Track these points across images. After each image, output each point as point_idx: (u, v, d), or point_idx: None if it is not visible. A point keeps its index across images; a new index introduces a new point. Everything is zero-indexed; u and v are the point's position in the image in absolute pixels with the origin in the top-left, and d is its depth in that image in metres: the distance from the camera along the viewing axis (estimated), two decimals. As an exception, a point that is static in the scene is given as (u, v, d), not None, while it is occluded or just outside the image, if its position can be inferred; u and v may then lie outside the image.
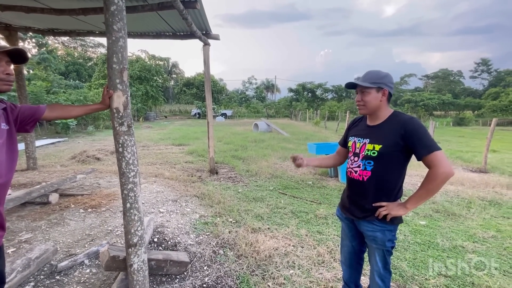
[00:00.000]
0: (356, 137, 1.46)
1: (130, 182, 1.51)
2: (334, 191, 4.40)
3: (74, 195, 3.64)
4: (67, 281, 1.90)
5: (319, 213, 3.39)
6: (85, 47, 35.35)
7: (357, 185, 1.41)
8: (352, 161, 1.44)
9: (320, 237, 2.74)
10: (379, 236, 1.35)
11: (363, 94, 1.36)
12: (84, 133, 12.64)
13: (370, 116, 1.43)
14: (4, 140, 1.10)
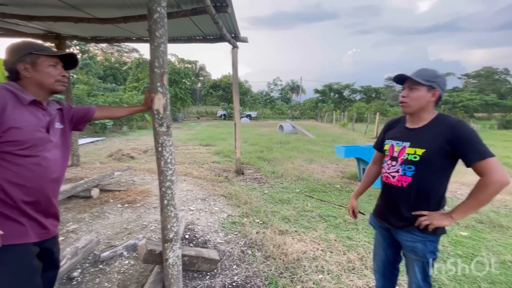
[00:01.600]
0: (394, 140, 1.36)
1: (168, 180, 1.59)
2: (364, 196, 4.20)
3: (112, 190, 3.91)
4: (108, 271, 2.05)
5: (348, 218, 3.28)
6: (121, 52, 37.78)
7: (395, 191, 1.32)
8: (389, 166, 1.35)
9: (350, 243, 2.66)
10: (420, 247, 1.27)
11: (412, 90, 1.26)
12: (119, 133, 13.50)
13: (411, 117, 1.33)
14: (58, 139, 1.20)
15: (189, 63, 37.00)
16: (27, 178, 1.06)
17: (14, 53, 1.12)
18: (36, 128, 1.09)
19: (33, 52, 1.12)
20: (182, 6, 3.28)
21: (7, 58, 1.12)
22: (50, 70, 1.15)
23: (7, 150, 1.02)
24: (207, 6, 2.94)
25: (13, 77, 1.12)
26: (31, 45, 1.15)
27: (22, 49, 1.12)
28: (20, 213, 1.07)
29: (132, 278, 1.99)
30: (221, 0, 3.20)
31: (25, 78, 1.12)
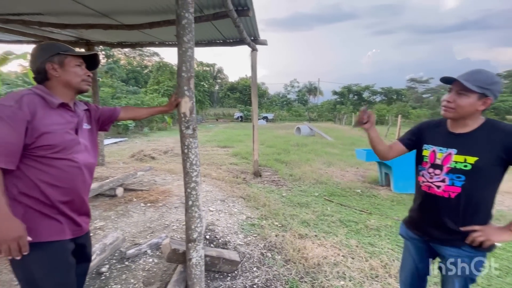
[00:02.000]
0: (436, 146, 1.24)
1: (193, 181, 1.63)
2: (386, 201, 4.11)
3: (135, 190, 4.05)
4: (134, 267, 2.12)
5: (370, 224, 3.19)
6: (143, 56, 39.24)
7: (441, 203, 1.20)
8: (431, 174, 1.23)
9: (373, 250, 2.58)
10: (467, 261, 1.18)
11: (460, 95, 1.13)
12: (140, 134, 13.99)
13: (454, 122, 1.21)
14: (86, 139, 1.25)
15: (208, 66, 37.72)
16: (61, 179, 1.12)
17: (42, 54, 1.15)
18: (66, 130, 1.13)
19: (60, 53, 1.16)
20: (204, 11, 3.36)
21: (34, 59, 1.16)
22: (76, 69, 1.19)
23: (41, 154, 1.07)
24: (229, 10, 2.99)
25: (41, 78, 1.16)
26: (58, 46, 1.19)
27: (49, 49, 1.16)
28: (57, 212, 1.12)
29: (156, 276, 2.05)
30: (243, 4, 3.24)
31: (53, 78, 1.15)
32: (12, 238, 0.97)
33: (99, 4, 3.14)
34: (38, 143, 1.05)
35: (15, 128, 0.99)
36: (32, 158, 1.06)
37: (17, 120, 1.00)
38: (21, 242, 0.99)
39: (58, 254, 1.12)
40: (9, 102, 1.01)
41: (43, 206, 1.09)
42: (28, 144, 1.03)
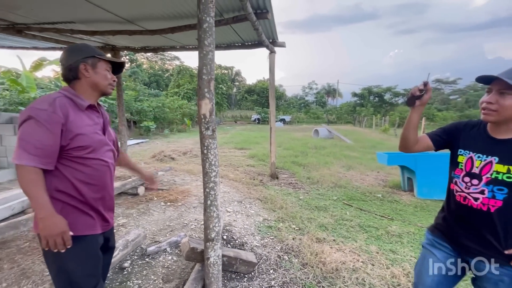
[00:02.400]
0: (474, 152, 1.11)
1: (212, 181, 1.66)
2: (409, 207, 3.94)
3: (156, 189, 4.18)
4: (154, 264, 2.19)
5: (391, 230, 3.07)
6: (164, 60, 40.60)
7: (478, 216, 1.10)
8: (466, 184, 1.12)
9: (394, 257, 2.48)
10: (507, 281, 1.07)
11: (503, 96, 1.01)
12: (161, 135, 14.44)
13: (496, 126, 1.09)
14: (110, 139, 1.31)
15: (226, 69, 38.27)
16: (94, 178, 1.19)
17: (78, 53, 1.21)
18: (95, 131, 1.20)
19: (96, 56, 1.23)
20: (224, 15, 3.42)
21: (68, 57, 1.21)
22: (106, 73, 1.26)
23: (76, 155, 1.14)
24: (249, 14, 3.02)
25: (71, 76, 1.20)
26: (93, 49, 1.26)
27: (85, 51, 1.22)
28: (89, 208, 1.20)
29: (175, 273, 2.10)
30: (262, 7, 3.27)
31: (83, 78, 1.21)
32: (58, 233, 1.05)
33: (125, 11, 3.30)
34: (72, 144, 1.11)
35: (52, 131, 1.06)
36: (68, 158, 1.13)
37: (53, 123, 1.06)
38: (65, 236, 1.07)
39: (89, 248, 1.20)
40: (43, 106, 1.07)
41: (78, 202, 1.17)
42: (64, 146, 1.10)
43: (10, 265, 2.12)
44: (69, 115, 1.11)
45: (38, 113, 1.05)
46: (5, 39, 4.80)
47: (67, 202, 1.14)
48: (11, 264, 2.14)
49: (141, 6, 3.13)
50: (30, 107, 1.06)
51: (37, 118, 1.04)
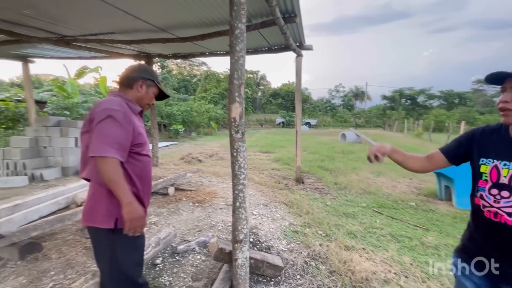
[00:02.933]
0: (498, 159, 0.98)
1: (240, 184, 1.69)
2: (447, 217, 3.66)
3: (184, 190, 4.34)
4: (183, 262, 2.27)
5: (426, 240, 2.88)
6: (192, 66, 42.16)
7: None
8: (495, 198, 0.98)
9: (431, 270, 2.32)
10: None
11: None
12: (189, 138, 14.96)
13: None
14: None
15: (251, 73, 38.72)
16: (145, 172, 1.35)
17: (143, 72, 1.43)
18: (144, 131, 1.38)
19: (155, 82, 1.46)
20: (252, 20, 3.49)
21: (136, 70, 1.43)
22: (152, 97, 1.47)
23: (135, 151, 1.29)
24: (277, 18, 3.06)
25: (126, 83, 1.39)
26: (156, 76, 1.49)
27: (149, 73, 1.45)
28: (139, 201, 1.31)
29: (204, 272, 2.15)
30: (290, 11, 3.28)
31: (135, 91, 1.40)
32: (140, 217, 1.19)
33: (159, 21, 3.51)
34: (135, 141, 1.28)
35: (127, 129, 1.22)
36: (129, 154, 1.27)
37: (127, 122, 1.23)
38: (144, 221, 1.22)
39: (138, 239, 1.33)
40: (116, 107, 1.23)
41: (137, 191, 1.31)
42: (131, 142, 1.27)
43: (57, 255, 2.33)
44: (131, 116, 1.28)
45: (115, 113, 1.20)
46: (55, 50, 5.34)
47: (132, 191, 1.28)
48: (58, 254, 2.35)
49: (174, 15, 3.30)
50: (106, 108, 1.20)
51: (115, 117, 1.19)
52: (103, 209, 1.21)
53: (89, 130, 1.23)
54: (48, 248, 2.43)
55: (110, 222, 1.21)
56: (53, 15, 3.31)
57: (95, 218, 1.22)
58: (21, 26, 3.69)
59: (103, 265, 1.28)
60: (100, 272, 1.33)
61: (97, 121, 1.18)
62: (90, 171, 1.25)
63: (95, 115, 1.20)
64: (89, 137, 1.22)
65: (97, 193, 1.24)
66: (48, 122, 5.48)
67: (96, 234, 1.26)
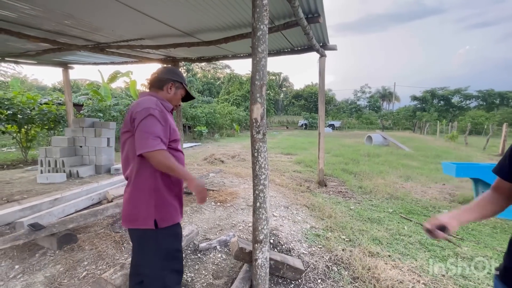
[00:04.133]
0: None
1: (261, 184, 1.69)
2: (485, 227, 3.38)
3: (207, 189, 4.44)
4: (205, 260, 2.32)
5: (461, 251, 2.68)
6: (216, 69, 43.14)
7: None
8: None
9: (465, 283, 2.15)
10: None
11: None
12: (212, 139, 15.30)
13: None
14: None
15: (274, 75, 38.70)
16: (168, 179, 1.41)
17: (173, 74, 1.54)
18: (177, 129, 1.48)
19: (183, 84, 1.56)
20: (275, 22, 3.49)
21: (166, 72, 1.53)
22: (179, 97, 1.58)
23: (172, 147, 1.40)
24: (300, 19, 3.03)
25: (157, 85, 1.49)
26: (183, 77, 1.59)
27: (179, 76, 1.55)
28: (178, 199, 1.45)
29: (224, 271, 2.19)
30: (314, 11, 3.24)
31: (165, 91, 1.50)
32: (204, 189, 1.36)
33: (185, 25, 3.63)
34: (171, 137, 1.38)
35: (165, 125, 1.33)
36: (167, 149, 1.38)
37: (164, 119, 1.33)
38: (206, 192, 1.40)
39: (180, 230, 1.49)
40: (153, 106, 1.31)
41: (173, 193, 1.41)
42: None
43: (90, 247, 2.50)
44: (166, 114, 1.38)
45: (153, 111, 1.30)
46: (91, 57, 5.74)
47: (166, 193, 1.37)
48: (90, 246, 2.51)
49: (199, 20, 3.41)
50: (146, 107, 1.30)
51: (155, 115, 1.29)
52: (142, 212, 1.32)
53: (130, 129, 1.33)
54: (82, 240, 2.61)
55: (150, 223, 1.31)
56: (90, 24, 3.57)
57: (136, 221, 1.33)
58: (63, 35, 4.03)
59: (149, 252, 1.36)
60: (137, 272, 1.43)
61: (139, 120, 1.27)
62: (130, 171, 1.36)
63: (136, 115, 1.28)
64: (129, 135, 1.34)
65: (133, 198, 1.34)
66: (84, 123, 5.91)
67: (138, 234, 1.37)
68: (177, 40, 4.28)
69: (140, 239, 1.37)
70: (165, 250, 1.36)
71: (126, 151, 1.37)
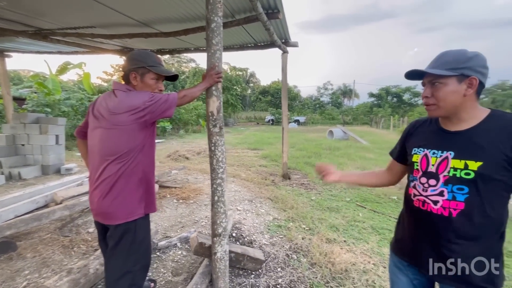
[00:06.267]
0: (428, 148, 0.97)
1: (219, 178, 1.69)
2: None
3: (169, 187, 4.30)
4: (164, 258, 2.26)
5: (406, 232, 2.98)
6: (180, 62, 41.51)
7: (440, 223, 0.92)
8: (424, 186, 0.96)
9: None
10: None
11: (435, 87, 0.92)
12: (176, 136, 14.77)
13: (446, 118, 0.97)
14: None
15: (240, 70, 38.52)
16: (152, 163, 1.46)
17: (131, 62, 1.39)
18: None
19: (145, 67, 1.39)
20: (235, 15, 3.47)
21: (125, 63, 1.42)
22: (152, 83, 1.42)
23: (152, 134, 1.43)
24: (259, 14, 3.05)
25: (126, 80, 1.42)
26: (146, 59, 1.40)
27: (139, 60, 1.39)
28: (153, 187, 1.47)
29: (184, 267, 2.15)
30: (273, 7, 3.29)
31: (132, 84, 1.40)
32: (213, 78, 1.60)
33: (140, 15, 3.43)
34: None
35: None
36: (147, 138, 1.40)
37: None
38: None
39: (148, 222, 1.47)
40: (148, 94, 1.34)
41: (153, 180, 1.45)
42: None
43: (32, 254, 2.27)
44: None
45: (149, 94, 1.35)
46: (33, 44, 5.13)
47: (150, 181, 1.42)
48: (33, 253, 2.28)
49: (155, 9, 3.24)
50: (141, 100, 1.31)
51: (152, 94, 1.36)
52: (132, 204, 1.31)
53: (107, 126, 1.30)
54: (23, 248, 2.36)
55: (141, 211, 1.35)
56: (29, 7, 3.18)
57: (130, 213, 1.32)
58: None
59: (132, 244, 1.33)
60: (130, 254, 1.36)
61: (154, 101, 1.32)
62: (109, 167, 1.29)
63: (116, 110, 1.28)
64: (103, 131, 1.30)
65: (120, 191, 1.30)
66: (26, 119, 5.29)
67: (123, 229, 1.31)
68: (133, 30, 4.02)
69: (124, 234, 1.32)
70: (143, 242, 1.38)
71: (100, 147, 1.31)
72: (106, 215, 1.30)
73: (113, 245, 1.32)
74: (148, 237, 1.43)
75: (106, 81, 15.82)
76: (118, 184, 1.28)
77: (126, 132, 1.28)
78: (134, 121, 1.28)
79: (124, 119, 1.26)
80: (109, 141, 1.29)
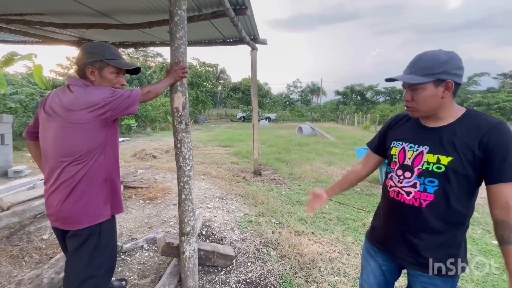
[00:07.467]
0: (406, 142, 1.04)
1: (186, 175, 1.65)
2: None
3: (135, 187, 4.09)
4: (130, 261, 2.16)
5: (367, 221, 3.20)
6: (146, 57, 39.51)
7: (410, 214, 1.00)
8: (399, 177, 1.03)
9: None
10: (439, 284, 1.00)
11: (415, 91, 0.97)
12: (143, 134, 14.09)
13: (425, 117, 1.04)
14: None
15: (210, 66, 37.78)
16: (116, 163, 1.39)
17: (85, 56, 1.26)
18: None
19: (103, 60, 1.27)
20: (202, 10, 3.38)
21: (80, 57, 1.27)
22: (111, 77, 1.31)
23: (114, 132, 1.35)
24: (227, 9, 3.01)
25: (82, 75, 1.29)
26: (104, 51, 1.28)
27: (94, 53, 1.26)
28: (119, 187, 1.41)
29: (151, 269, 2.08)
30: (241, 3, 3.27)
31: (90, 79, 1.28)
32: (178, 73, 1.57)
33: (98, 4, 3.18)
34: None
35: None
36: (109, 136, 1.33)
37: None
38: None
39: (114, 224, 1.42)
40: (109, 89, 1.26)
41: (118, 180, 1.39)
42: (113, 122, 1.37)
43: (-26, 268, 2.02)
44: None
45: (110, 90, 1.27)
46: (-32, 31, 4.50)
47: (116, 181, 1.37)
48: (-25, 267, 2.03)
49: (115, -1, 3.04)
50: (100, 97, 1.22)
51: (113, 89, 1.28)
52: (96, 206, 1.26)
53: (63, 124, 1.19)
54: (-38, 261, 2.09)
55: (107, 212, 1.29)
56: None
57: (95, 216, 1.24)
58: None
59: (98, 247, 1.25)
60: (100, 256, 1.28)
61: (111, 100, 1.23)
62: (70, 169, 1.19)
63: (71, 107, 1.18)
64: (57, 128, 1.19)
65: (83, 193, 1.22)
66: (-37, 117, 4.65)
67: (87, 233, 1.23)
68: (90, 20, 3.72)
69: (87, 238, 1.23)
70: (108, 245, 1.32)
71: (55, 148, 1.20)
72: (67, 220, 1.21)
73: (75, 248, 1.22)
74: (114, 240, 1.38)
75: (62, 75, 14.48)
76: (80, 186, 1.20)
77: (84, 131, 1.19)
78: (93, 119, 1.19)
79: (82, 116, 1.17)
80: (64, 140, 1.18)
